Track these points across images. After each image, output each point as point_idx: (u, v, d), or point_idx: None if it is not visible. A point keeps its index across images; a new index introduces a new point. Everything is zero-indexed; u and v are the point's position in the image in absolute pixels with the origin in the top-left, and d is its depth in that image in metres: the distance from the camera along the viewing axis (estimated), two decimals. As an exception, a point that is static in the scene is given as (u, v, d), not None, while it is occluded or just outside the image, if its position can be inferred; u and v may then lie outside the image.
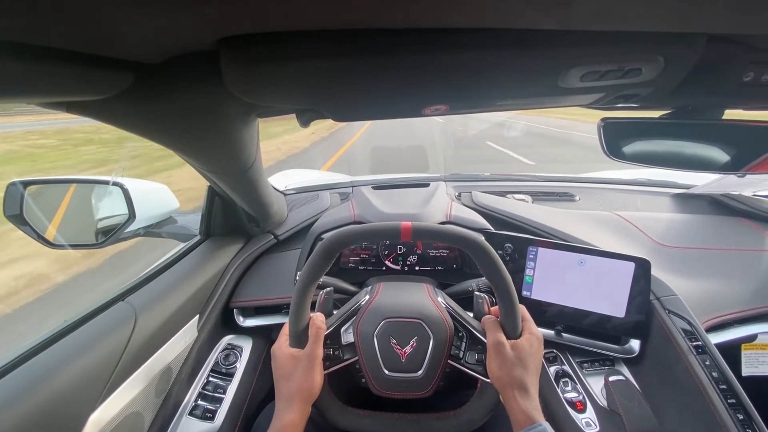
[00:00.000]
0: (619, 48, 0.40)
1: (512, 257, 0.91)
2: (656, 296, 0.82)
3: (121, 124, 0.49)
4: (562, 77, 0.44)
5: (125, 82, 0.41)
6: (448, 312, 0.67)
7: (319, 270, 0.60)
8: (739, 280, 0.95)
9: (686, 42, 0.40)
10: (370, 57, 0.37)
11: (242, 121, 0.59)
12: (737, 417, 0.64)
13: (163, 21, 0.30)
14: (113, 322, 0.67)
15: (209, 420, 0.79)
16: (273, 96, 0.45)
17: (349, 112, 0.56)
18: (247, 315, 0.98)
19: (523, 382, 0.55)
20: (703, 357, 0.72)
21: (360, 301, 0.70)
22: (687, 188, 1.30)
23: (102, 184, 0.88)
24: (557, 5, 0.29)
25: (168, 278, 0.83)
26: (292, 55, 0.36)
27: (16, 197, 0.82)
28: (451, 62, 0.39)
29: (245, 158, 0.71)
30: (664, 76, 0.44)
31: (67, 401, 0.54)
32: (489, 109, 0.61)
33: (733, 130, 0.55)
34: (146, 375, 0.70)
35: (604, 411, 0.77)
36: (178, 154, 0.64)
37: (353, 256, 1.02)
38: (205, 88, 0.46)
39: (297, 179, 1.55)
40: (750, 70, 0.45)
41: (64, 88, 0.36)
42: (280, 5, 0.28)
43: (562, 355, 0.89)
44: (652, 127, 0.60)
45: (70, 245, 0.88)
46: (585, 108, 0.61)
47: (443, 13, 0.32)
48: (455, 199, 1.22)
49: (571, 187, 1.34)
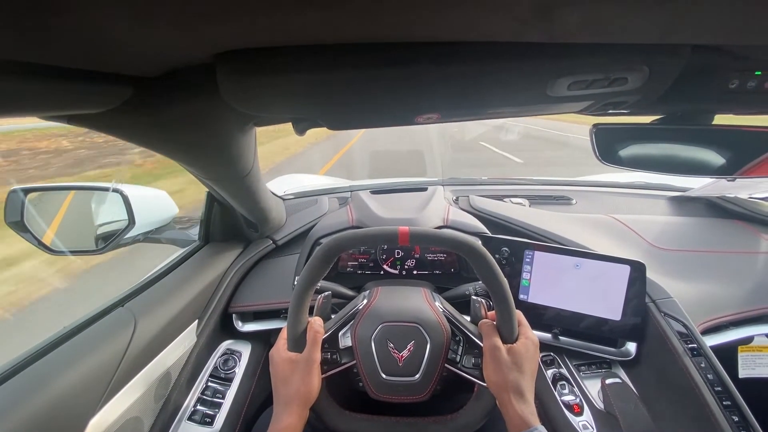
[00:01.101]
0: (604, 59, 0.41)
1: (509, 261, 0.92)
2: (652, 299, 0.82)
3: (121, 135, 0.50)
4: (550, 86, 0.45)
5: (124, 96, 0.42)
6: (445, 316, 0.67)
7: (318, 274, 0.61)
8: (735, 282, 0.95)
9: (670, 52, 0.41)
10: (362, 69, 0.39)
11: (239, 130, 0.60)
12: (732, 419, 0.64)
13: (161, 38, 0.31)
14: (113, 327, 0.67)
15: (208, 425, 0.79)
16: (269, 106, 0.46)
17: (343, 121, 0.57)
18: (246, 320, 0.98)
19: (519, 387, 0.55)
20: (698, 359, 0.72)
21: (358, 305, 0.71)
22: (683, 191, 1.31)
23: (102, 191, 0.89)
24: (540, 20, 0.30)
25: (167, 284, 0.84)
26: (286, 68, 0.37)
27: (17, 204, 0.83)
28: (442, 73, 0.41)
29: (243, 165, 0.72)
30: (649, 84, 0.45)
31: (67, 406, 0.55)
32: (480, 117, 0.62)
33: (723, 134, 0.56)
34: (145, 380, 0.70)
35: (601, 414, 0.77)
36: (178, 162, 0.65)
37: (351, 261, 1.03)
38: (202, 99, 0.47)
39: (295, 184, 1.56)
40: (735, 78, 0.46)
41: (64, 103, 0.37)
42: (274, 22, 0.29)
43: (559, 358, 0.90)
44: (644, 132, 0.60)
45: (70, 251, 0.88)
46: (577, 114, 0.62)
47: (432, 27, 0.33)
48: (453, 203, 1.23)
49: (567, 190, 1.35)
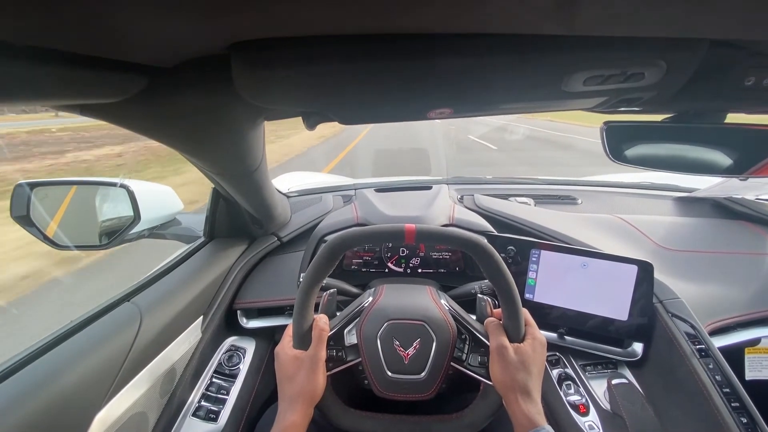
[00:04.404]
0: (622, 53, 0.40)
1: (515, 260, 0.91)
2: (659, 299, 0.82)
3: (133, 126, 0.50)
4: (565, 81, 0.44)
5: (139, 86, 0.42)
6: (451, 314, 0.67)
7: (323, 271, 0.60)
8: (742, 283, 0.95)
9: (689, 47, 0.41)
10: (376, 61, 0.38)
11: (250, 123, 0.60)
12: (741, 420, 0.64)
13: (177, 27, 0.31)
14: (119, 322, 0.67)
15: (212, 421, 0.79)
16: (281, 99, 0.46)
17: (354, 115, 0.56)
18: (251, 316, 0.98)
19: (526, 387, 0.55)
20: (706, 360, 0.71)
21: (363, 302, 0.70)
22: (689, 192, 1.30)
23: (108, 186, 0.89)
24: (561, 11, 0.30)
25: (173, 279, 0.84)
26: (301, 60, 0.37)
27: (23, 198, 0.83)
28: (456, 67, 0.40)
29: (251, 160, 0.71)
30: (666, 80, 0.45)
31: (73, 401, 0.55)
32: (493, 112, 0.62)
33: (736, 133, 0.55)
34: (151, 375, 0.70)
35: (607, 414, 0.77)
36: (185, 156, 0.65)
37: (356, 259, 1.02)
38: (215, 91, 0.47)
39: (300, 182, 1.56)
40: (751, 74, 0.46)
41: (79, 91, 0.37)
42: (291, 12, 0.29)
43: (564, 358, 0.89)
44: (655, 130, 0.60)
45: (75, 246, 0.89)
46: (587, 112, 0.61)
47: (448, 18, 0.32)
48: (458, 201, 1.22)
49: (573, 190, 1.34)
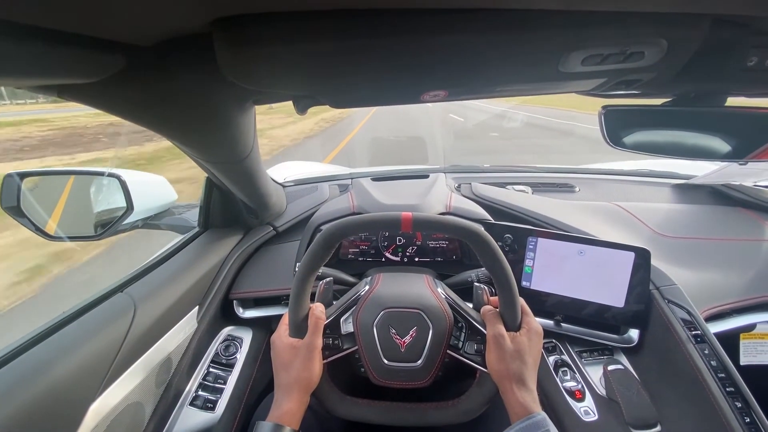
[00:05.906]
0: (622, 30, 0.39)
1: (512, 248, 0.91)
2: (656, 286, 0.82)
3: (114, 109, 0.48)
4: (562, 61, 0.43)
5: (117, 65, 0.40)
6: (448, 302, 0.67)
7: (319, 260, 0.60)
8: (738, 269, 0.95)
9: (690, 24, 0.40)
10: (366, 39, 0.37)
11: (238, 107, 0.59)
12: (735, 405, 0.64)
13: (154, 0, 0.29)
14: (112, 313, 0.67)
15: (210, 410, 0.80)
16: (268, 80, 0.44)
17: (345, 98, 0.55)
18: (247, 306, 0.98)
19: (521, 376, 0.55)
20: (701, 346, 0.72)
21: (360, 291, 0.70)
22: (687, 179, 1.30)
23: (97, 176, 0.87)
24: None
25: (167, 270, 0.83)
26: (287, 37, 0.35)
27: (12, 189, 0.81)
28: (450, 45, 0.39)
29: (242, 147, 0.70)
30: (666, 60, 0.43)
31: (67, 391, 0.54)
32: (488, 95, 0.60)
33: (736, 117, 0.54)
34: (146, 366, 0.70)
35: (603, 399, 0.77)
36: (174, 142, 0.63)
37: (353, 248, 1.02)
38: (199, 72, 0.45)
39: (296, 171, 1.54)
40: (753, 54, 0.44)
41: (54, 70, 0.36)
42: None
43: (561, 344, 0.90)
44: (654, 114, 0.59)
45: (68, 237, 0.88)
46: (586, 95, 0.60)
47: None
48: (455, 190, 1.21)
49: (570, 178, 1.34)
